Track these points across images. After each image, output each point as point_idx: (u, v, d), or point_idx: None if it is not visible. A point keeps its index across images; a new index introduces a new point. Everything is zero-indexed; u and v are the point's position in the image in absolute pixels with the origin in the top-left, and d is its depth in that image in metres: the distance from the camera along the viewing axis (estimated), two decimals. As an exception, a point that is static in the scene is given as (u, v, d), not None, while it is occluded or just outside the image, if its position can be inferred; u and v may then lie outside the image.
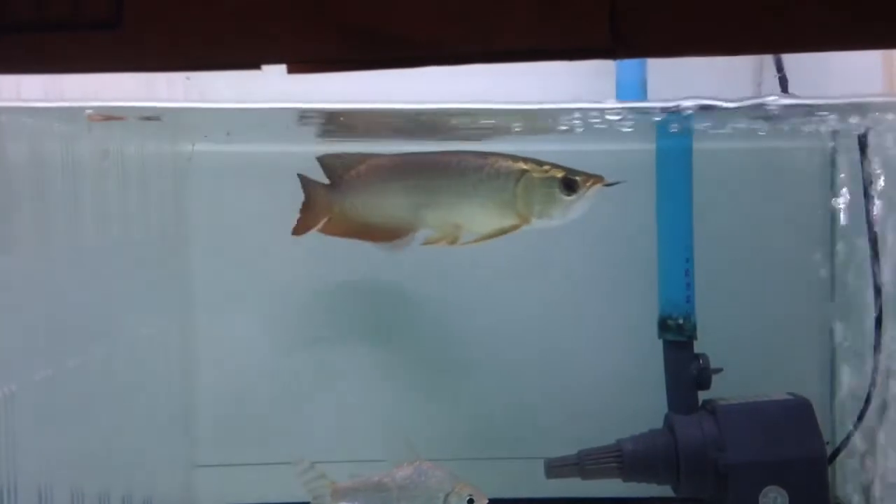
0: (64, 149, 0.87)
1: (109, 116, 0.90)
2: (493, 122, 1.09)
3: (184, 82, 1.11)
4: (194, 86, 1.11)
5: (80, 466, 0.91)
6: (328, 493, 1.01)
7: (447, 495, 1.00)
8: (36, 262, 0.82)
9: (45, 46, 0.57)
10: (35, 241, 0.82)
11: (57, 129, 0.86)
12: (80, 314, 0.93)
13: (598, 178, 1.02)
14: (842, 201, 1.25)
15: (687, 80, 0.95)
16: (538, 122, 1.10)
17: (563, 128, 1.13)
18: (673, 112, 1.02)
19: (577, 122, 1.08)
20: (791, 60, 1.14)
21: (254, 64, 0.58)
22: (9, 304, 0.78)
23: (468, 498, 1.01)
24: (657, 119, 1.07)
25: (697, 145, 1.18)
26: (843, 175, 1.25)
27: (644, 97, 1.11)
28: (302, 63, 0.58)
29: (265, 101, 0.91)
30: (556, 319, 1.31)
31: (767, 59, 1.17)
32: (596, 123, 1.10)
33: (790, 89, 1.15)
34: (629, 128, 1.14)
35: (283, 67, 0.57)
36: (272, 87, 0.78)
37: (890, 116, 1.03)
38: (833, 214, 1.28)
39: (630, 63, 1.10)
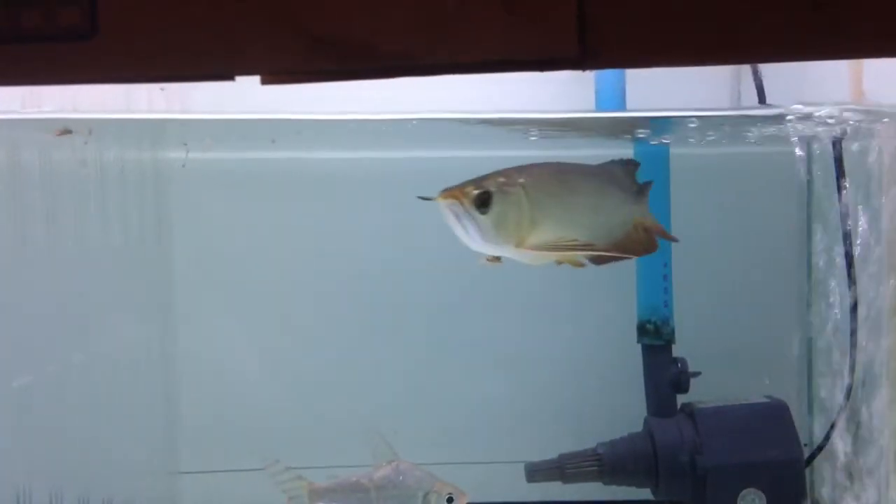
0: (42, 157, 0.87)
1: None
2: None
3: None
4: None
5: (59, 470, 0.91)
6: (305, 493, 1.00)
7: (426, 494, 1.00)
8: (14, 269, 0.83)
9: (18, 58, 0.57)
10: (14, 249, 0.82)
11: (35, 138, 0.86)
12: (61, 320, 0.93)
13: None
14: (818, 205, 1.27)
15: (665, 88, 0.96)
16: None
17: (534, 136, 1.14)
18: (651, 120, 1.03)
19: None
20: (768, 66, 1.15)
21: (228, 75, 0.58)
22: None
23: (448, 496, 1.01)
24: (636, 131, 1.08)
25: (674, 150, 1.19)
26: (818, 180, 1.26)
27: (623, 106, 1.12)
28: (275, 74, 0.59)
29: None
30: (535, 323, 1.32)
31: (745, 66, 1.18)
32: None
33: (767, 94, 1.17)
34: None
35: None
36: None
37: (861, 124, 1.04)
38: (809, 218, 1.30)
39: (608, 72, 1.11)
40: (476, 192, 0.83)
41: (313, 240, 1.30)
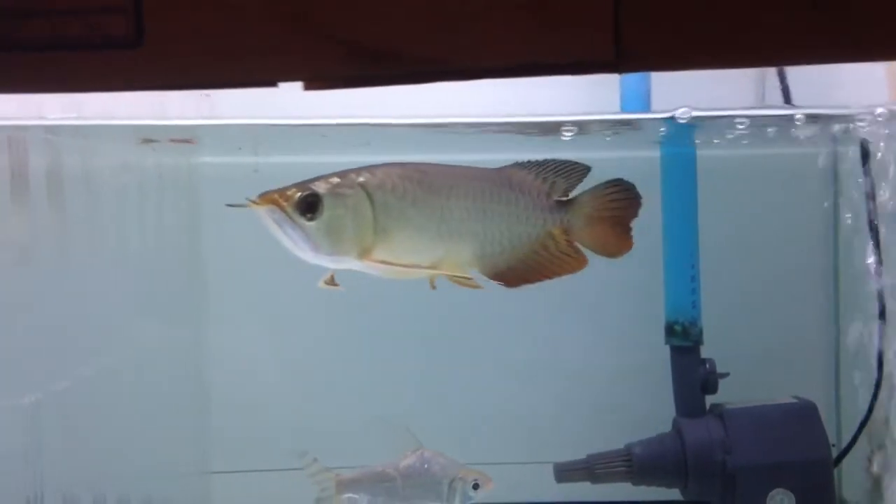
0: (83, 163, 0.89)
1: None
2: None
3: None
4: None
5: (100, 472, 0.93)
6: (333, 485, 1.02)
7: (452, 481, 1.01)
8: (56, 274, 0.85)
9: (64, 66, 0.59)
10: (55, 254, 0.84)
11: (76, 145, 0.88)
12: (99, 324, 0.95)
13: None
14: (845, 206, 1.27)
15: (690, 89, 0.97)
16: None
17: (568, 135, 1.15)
18: (675, 121, 1.03)
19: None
20: (795, 68, 1.16)
21: (270, 81, 0.60)
22: (32, 315, 0.80)
23: (473, 483, 1.02)
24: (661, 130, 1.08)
25: (701, 152, 1.19)
26: (845, 180, 1.27)
27: (648, 108, 1.12)
28: (315, 80, 0.60)
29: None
30: (564, 324, 1.33)
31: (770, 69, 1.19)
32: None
33: (793, 96, 1.17)
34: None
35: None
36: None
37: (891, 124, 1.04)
38: (837, 219, 1.30)
39: (634, 74, 1.12)
40: (300, 195, 0.73)
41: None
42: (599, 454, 1.16)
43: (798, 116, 1.02)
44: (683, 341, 1.18)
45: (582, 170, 0.89)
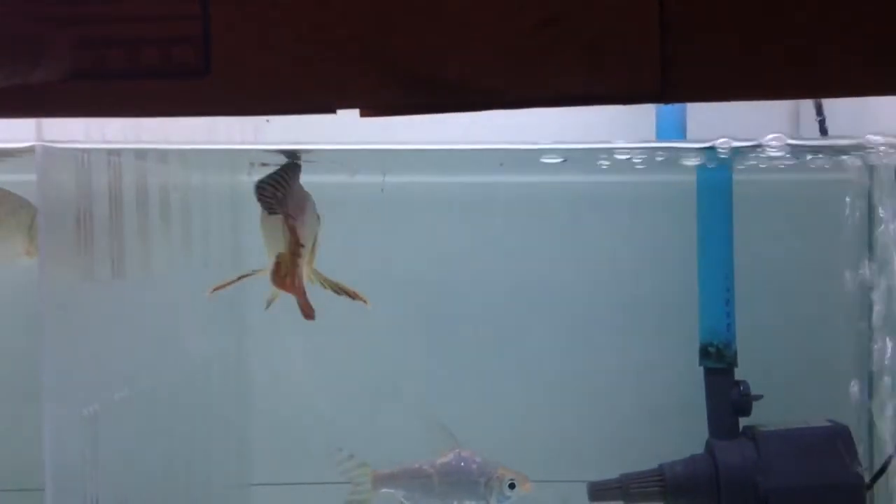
0: (137, 183, 0.92)
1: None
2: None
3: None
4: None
5: (150, 481, 0.95)
6: (369, 480, 1.03)
7: (488, 480, 1.02)
8: (113, 289, 0.87)
9: (138, 93, 0.62)
10: (112, 270, 0.87)
11: (134, 166, 0.91)
12: (150, 337, 0.98)
13: None
14: (878, 231, 1.28)
15: (725, 118, 0.98)
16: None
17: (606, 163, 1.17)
18: (710, 149, 1.05)
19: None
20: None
21: (328, 108, 0.62)
22: (93, 327, 0.83)
23: (509, 482, 1.03)
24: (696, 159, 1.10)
25: (737, 177, 1.21)
26: (880, 206, 1.27)
27: (683, 136, 1.14)
28: (371, 108, 0.63)
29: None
30: (599, 344, 1.34)
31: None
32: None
33: (829, 120, 1.18)
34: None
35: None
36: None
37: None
38: (871, 241, 1.30)
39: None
40: None
41: (380, 259, 1.33)
42: (633, 474, 1.17)
43: (832, 144, 1.04)
44: (717, 363, 1.19)
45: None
